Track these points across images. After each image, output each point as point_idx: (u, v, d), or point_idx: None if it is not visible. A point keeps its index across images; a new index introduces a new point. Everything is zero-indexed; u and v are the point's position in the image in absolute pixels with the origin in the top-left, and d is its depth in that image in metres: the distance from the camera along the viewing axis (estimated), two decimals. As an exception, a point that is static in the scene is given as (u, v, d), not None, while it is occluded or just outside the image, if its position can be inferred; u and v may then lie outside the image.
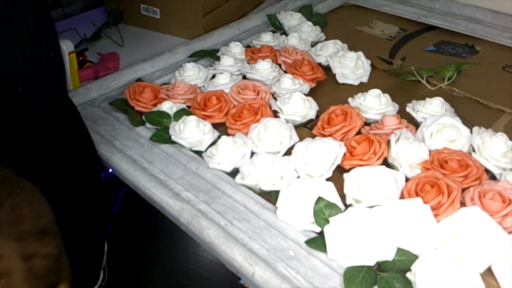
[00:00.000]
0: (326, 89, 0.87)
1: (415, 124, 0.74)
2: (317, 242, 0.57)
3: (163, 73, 0.94)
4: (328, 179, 0.64)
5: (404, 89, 0.86)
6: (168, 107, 0.79)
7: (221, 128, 0.77)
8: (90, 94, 0.87)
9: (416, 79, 0.87)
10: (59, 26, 1.15)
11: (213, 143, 0.72)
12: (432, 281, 0.50)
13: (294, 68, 0.88)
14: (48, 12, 0.56)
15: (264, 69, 0.87)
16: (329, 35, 1.03)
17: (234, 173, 0.68)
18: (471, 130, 0.69)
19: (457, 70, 0.86)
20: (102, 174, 0.99)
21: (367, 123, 0.76)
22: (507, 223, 0.56)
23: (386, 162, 0.67)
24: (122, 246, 0.84)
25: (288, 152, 0.69)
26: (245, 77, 0.89)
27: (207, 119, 0.77)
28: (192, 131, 0.73)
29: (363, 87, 0.86)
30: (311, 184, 0.61)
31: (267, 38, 1.00)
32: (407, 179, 0.63)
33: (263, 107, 0.78)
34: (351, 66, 0.89)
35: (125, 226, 0.87)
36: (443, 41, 1.03)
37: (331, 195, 0.61)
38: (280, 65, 0.92)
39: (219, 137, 0.72)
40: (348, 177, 0.63)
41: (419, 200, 0.58)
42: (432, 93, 0.83)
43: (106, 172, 0.99)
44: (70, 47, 0.89)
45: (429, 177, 0.61)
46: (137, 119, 0.80)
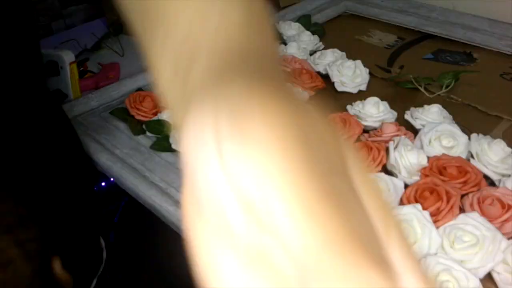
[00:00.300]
0: (325, 97, 0.88)
1: (413, 131, 0.74)
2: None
3: (163, 82, 0.94)
4: (327, 186, 0.65)
5: (403, 97, 0.87)
6: (168, 115, 0.80)
7: (221, 137, 0.77)
8: (90, 104, 0.88)
9: (414, 87, 0.87)
10: (60, 36, 1.16)
11: (213, 151, 0.73)
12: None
13: (293, 77, 0.88)
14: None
15: (263, 78, 0.88)
16: (327, 44, 1.04)
17: (234, 181, 0.69)
18: (470, 137, 0.69)
19: (455, 78, 0.87)
20: (103, 184, 0.99)
21: (365, 131, 0.76)
22: (507, 229, 0.56)
23: (385, 169, 0.67)
24: (123, 254, 0.84)
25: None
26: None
27: (207, 128, 0.77)
28: (192, 140, 0.73)
29: (361, 95, 0.87)
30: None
31: (266, 48, 1.01)
32: (406, 186, 0.63)
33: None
34: (349, 75, 0.89)
35: (126, 235, 0.87)
36: (441, 49, 1.03)
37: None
38: (280, 74, 0.92)
39: (219, 145, 0.72)
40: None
41: (418, 206, 0.58)
42: (430, 101, 0.83)
43: (106, 181, 0.99)
44: (71, 57, 0.90)
45: (428, 183, 0.61)
46: (137, 128, 0.80)
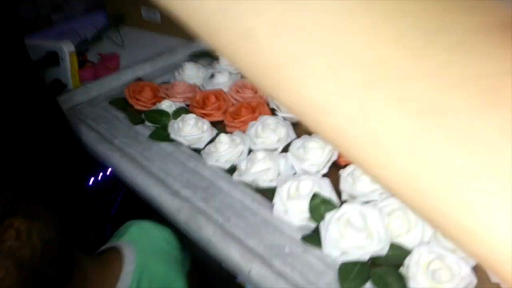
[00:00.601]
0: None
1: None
2: (313, 238, 0.57)
3: (163, 72, 0.95)
4: (324, 175, 0.65)
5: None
6: (167, 105, 0.80)
7: (219, 126, 0.77)
8: (90, 93, 0.88)
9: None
10: (60, 28, 1.16)
11: (212, 140, 0.73)
12: (424, 276, 0.50)
13: None
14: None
15: (262, 68, 0.88)
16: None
17: (232, 170, 0.69)
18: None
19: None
20: (100, 176, 0.99)
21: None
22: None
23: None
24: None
25: (285, 149, 0.70)
26: (243, 76, 0.90)
27: (206, 117, 0.77)
28: (191, 129, 0.74)
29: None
30: (307, 180, 0.62)
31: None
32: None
33: (261, 105, 0.78)
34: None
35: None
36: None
37: (327, 191, 0.61)
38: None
39: (217, 134, 0.72)
40: (343, 174, 0.64)
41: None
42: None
43: (103, 174, 1.00)
44: (71, 47, 0.91)
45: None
46: (136, 117, 0.81)
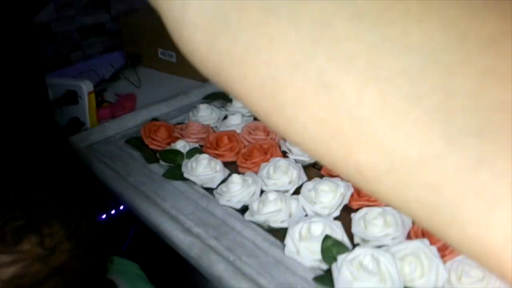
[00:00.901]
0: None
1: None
2: (325, 279, 0.58)
3: (178, 113, 0.97)
4: (335, 218, 0.66)
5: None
6: (181, 145, 0.82)
7: (232, 167, 0.79)
8: (107, 132, 0.90)
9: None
10: (79, 67, 1.20)
11: (224, 180, 0.74)
12: (438, 321, 0.50)
13: None
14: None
15: (275, 111, 0.90)
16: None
17: (244, 210, 0.70)
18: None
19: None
20: (113, 211, 1.00)
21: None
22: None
23: (393, 203, 0.68)
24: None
25: (297, 191, 0.71)
26: (256, 119, 0.92)
27: (219, 158, 0.79)
28: (204, 169, 0.75)
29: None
30: (318, 223, 0.63)
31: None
32: (413, 221, 0.64)
33: (273, 147, 0.80)
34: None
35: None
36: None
37: (339, 233, 0.62)
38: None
39: (229, 175, 0.74)
40: (355, 217, 0.64)
41: (426, 241, 0.58)
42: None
43: (116, 209, 1.01)
44: (90, 87, 0.94)
45: (435, 218, 0.62)
46: (151, 156, 0.82)
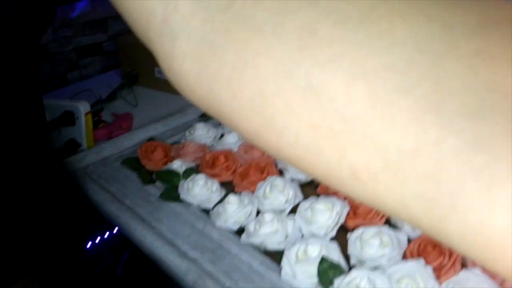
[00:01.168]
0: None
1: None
2: (321, 303, 0.57)
3: (174, 132, 0.97)
4: (332, 239, 0.66)
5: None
6: (178, 165, 0.82)
7: (228, 186, 0.79)
8: (103, 153, 0.90)
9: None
10: (76, 87, 1.21)
11: (221, 201, 0.74)
12: None
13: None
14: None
15: (270, 129, 0.90)
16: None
17: (240, 231, 0.70)
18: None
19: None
20: (107, 234, 1.00)
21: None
22: (508, 285, 0.56)
23: (389, 222, 0.68)
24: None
25: (293, 210, 0.71)
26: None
27: (215, 177, 0.79)
28: (200, 190, 0.75)
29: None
30: (315, 244, 0.63)
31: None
32: (409, 239, 0.64)
33: (269, 165, 0.80)
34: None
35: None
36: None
37: (335, 255, 0.62)
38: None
39: (226, 195, 0.74)
40: (352, 237, 0.64)
41: (421, 261, 0.58)
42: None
43: (109, 233, 1.01)
44: (87, 107, 0.94)
45: (431, 237, 0.61)
46: (147, 177, 0.83)
